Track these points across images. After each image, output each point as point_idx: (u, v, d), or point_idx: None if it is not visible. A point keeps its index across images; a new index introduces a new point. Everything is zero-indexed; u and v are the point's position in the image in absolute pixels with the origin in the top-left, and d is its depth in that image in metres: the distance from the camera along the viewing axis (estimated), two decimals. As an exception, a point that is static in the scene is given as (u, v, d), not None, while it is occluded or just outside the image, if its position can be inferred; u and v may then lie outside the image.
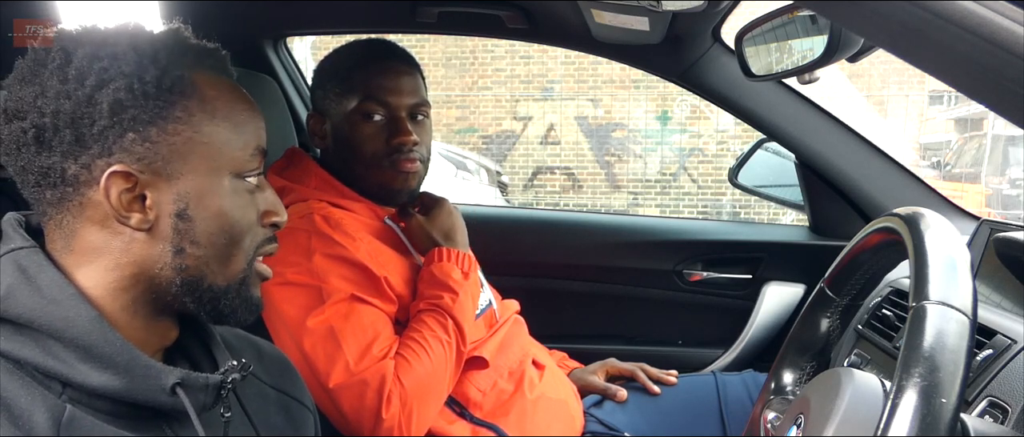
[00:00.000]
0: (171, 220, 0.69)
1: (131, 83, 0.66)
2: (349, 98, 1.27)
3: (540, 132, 9.49)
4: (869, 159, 1.75)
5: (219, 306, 0.72)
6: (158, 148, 0.67)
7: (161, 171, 0.68)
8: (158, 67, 0.67)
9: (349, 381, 1.11)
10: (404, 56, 1.32)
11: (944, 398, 0.58)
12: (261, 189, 0.75)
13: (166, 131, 0.67)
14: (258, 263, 0.75)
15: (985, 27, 0.56)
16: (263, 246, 0.75)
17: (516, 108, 9.52)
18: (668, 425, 1.41)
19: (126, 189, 0.67)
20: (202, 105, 0.69)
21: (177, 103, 0.68)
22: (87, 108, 0.65)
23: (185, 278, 0.70)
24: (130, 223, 0.67)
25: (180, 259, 0.69)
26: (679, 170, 9.31)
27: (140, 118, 0.66)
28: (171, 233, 0.69)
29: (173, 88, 0.68)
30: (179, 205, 0.69)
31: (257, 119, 0.74)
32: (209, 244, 0.70)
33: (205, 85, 0.70)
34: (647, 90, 9.18)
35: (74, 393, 0.65)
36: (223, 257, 0.71)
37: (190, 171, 0.69)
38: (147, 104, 0.66)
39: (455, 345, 1.20)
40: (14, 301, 0.64)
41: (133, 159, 0.67)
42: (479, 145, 9.43)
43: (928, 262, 0.66)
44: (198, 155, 0.69)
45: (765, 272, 1.88)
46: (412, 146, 1.27)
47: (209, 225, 0.70)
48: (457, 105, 9.59)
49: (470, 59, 9.49)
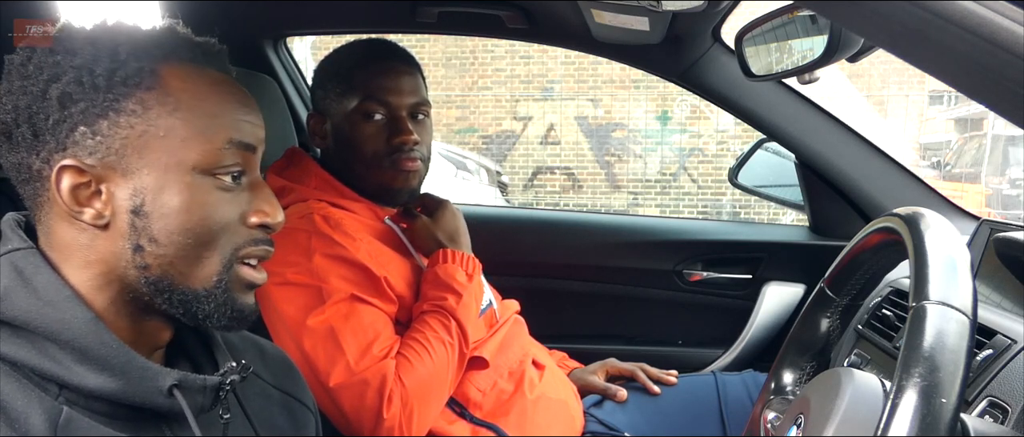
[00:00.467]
0: (127, 216, 0.67)
1: (80, 76, 0.65)
2: (350, 98, 1.27)
3: (540, 132, 9.49)
4: (869, 159, 1.75)
5: (194, 311, 0.69)
6: (110, 142, 0.66)
7: (115, 165, 0.66)
8: (114, 60, 0.66)
9: (350, 381, 1.11)
10: (405, 56, 1.32)
11: (944, 398, 0.58)
12: (250, 188, 0.72)
13: (118, 125, 0.66)
14: (243, 268, 0.71)
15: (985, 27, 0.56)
16: (246, 248, 0.71)
17: (516, 108, 9.53)
18: (668, 425, 1.41)
19: (81, 184, 0.66)
20: (162, 98, 0.67)
21: (131, 96, 0.66)
22: (42, 102, 0.65)
23: (149, 278, 0.68)
24: (84, 218, 0.66)
25: (140, 257, 0.67)
26: (679, 170, 9.31)
27: (89, 111, 0.65)
28: (127, 230, 0.67)
29: (127, 81, 0.66)
30: (135, 201, 0.66)
31: (236, 112, 0.70)
32: (169, 243, 0.67)
33: (172, 77, 0.68)
34: (647, 90, 9.18)
35: (71, 395, 0.64)
36: (190, 258, 0.68)
37: (146, 166, 0.66)
38: (96, 97, 0.65)
39: (458, 347, 1.20)
40: (10, 303, 0.64)
41: (86, 153, 0.66)
42: (479, 145, 9.43)
43: (928, 262, 0.66)
44: (154, 149, 0.67)
45: (765, 272, 1.88)
46: (413, 145, 1.27)
47: (168, 223, 0.67)
48: (457, 105, 9.59)
49: (470, 59, 9.49)
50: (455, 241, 1.30)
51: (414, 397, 1.13)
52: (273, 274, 1.15)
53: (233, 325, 0.72)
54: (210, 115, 0.69)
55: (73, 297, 0.66)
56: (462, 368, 1.24)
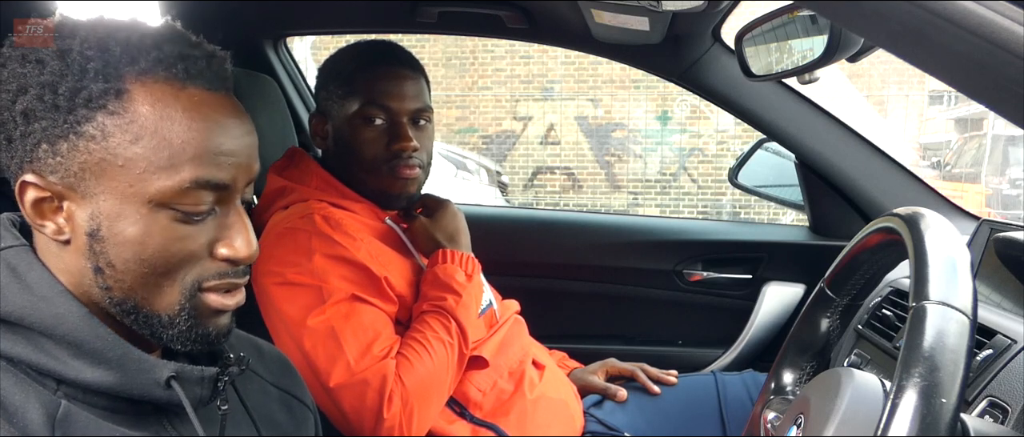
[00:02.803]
0: (85, 238, 0.65)
1: (42, 93, 0.62)
2: (351, 101, 1.26)
3: (540, 132, 9.49)
4: (869, 159, 1.75)
5: (160, 335, 0.68)
6: (68, 163, 0.63)
7: (75, 187, 0.64)
8: (80, 79, 0.62)
9: (350, 381, 1.11)
10: (408, 60, 1.31)
11: (944, 398, 0.58)
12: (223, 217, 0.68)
13: (77, 148, 0.63)
14: (208, 295, 0.68)
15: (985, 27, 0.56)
16: (210, 281, 0.68)
17: (516, 108, 9.52)
18: (668, 425, 1.41)
19: (43, 197, 0.65)
20: (124, 126, 0.63)
21: (92, 119, 0.63)
22: (9, 113, 0.64)
23: (113, 298, 0.66)
24: (45, 232, 0.66)
25: (101, 278, 0.66)
26: (679, 170, 9.31)
27: (50, 130, 0.63)
28: (86, 251, 0.65)
29: (90, 103, 0.62)
30: (92, 224, 0.65)
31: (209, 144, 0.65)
32: (126, 270, 0.65)
33: (142, 99, 0.63)
34: (647, 90, 9.18)
35: (69, 390, 0.65)
36: (149, 285, 0.66)
37: (104, 192, 0.64)
38: (57, 117, 0.63)
39: (457, 347, 1.20)
40: (5, 300, 0.64)
41: (48, 170, 0.64)
42: (479, 145, 9.43)
43: (928, 262, 0.66)
44: (112, 177, 0.64)
45: (765, 272, 1.88)
46: (412, 152, 1.26)
47: (123, 251, 0.65)
48: (457, 105, 9.59)
49: (470, 59, 9.49)
50: (455, 241, 1.30)
51: (414, 397, 1.13)
52: (273, 274, 1.16)
53: (202, 348, 0.70)
54: (176, 150, 0.64)
55: (66, 292, 0.66)
56: (462, 368, 1.24)
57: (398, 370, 1.13)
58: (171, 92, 0.64)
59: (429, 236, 1.29)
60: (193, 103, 0.65)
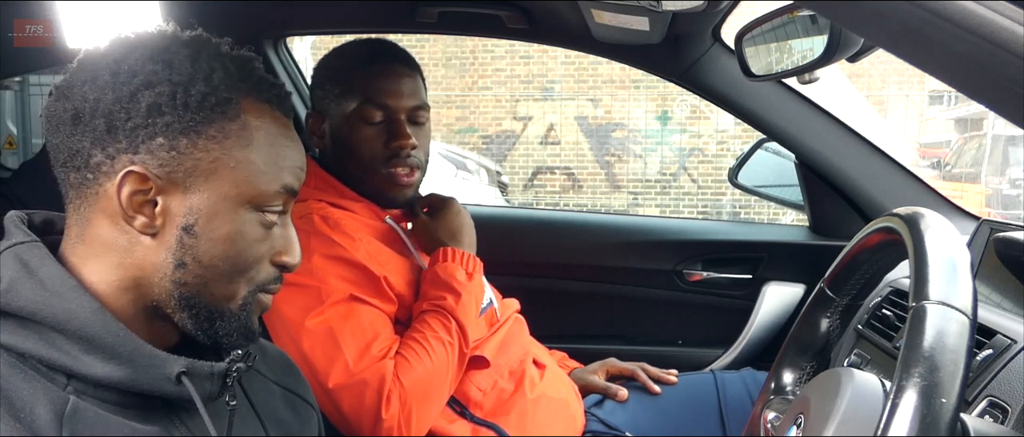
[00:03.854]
0: (177, 232, 0.69)
1: (175, 91, 0.67)
2: (348, 100, 1.26)
3: (540, 132, 9.49)
4: (869, 159, 1.75)
5: (215, 327, 0.72)
6: (183, 160, 0.68)
7: (179, 182, 0.68)
8: (208, 84, 0.68)
9: (349, 381, 1.11)
10: (405, 58, 1.31)
11: (944, 398, 0.58)
12: (281, 227, 0.75)
13: (196, 146, 0.68)
14: (263, 296, 0.75)
15: (985, 27, 0.56)
16: (270, 284, 0.75)
17: (516, 108, 9.52)
18: (668, 424, 1.41)
19: (139, 190, 0.67)
20: (241, 131, 0.70)
21: (215, 122, 0.69)
22: (128, 103, 0.67)
23: (182, 293, 0.70)
24: (135, 225, 0.68)
25: (181, 273, 0.69)
26: (679, 170, 9.31)
27: (173, 126, 0.67)
28: (175, 245, 0.69)
29: (215, 107, 0.69)
30: (188, 219, 0.69)
31: (295, 159, 0.74)
32: (210, 265, 0.70)
33: (251, 113, 0.71)
34: (647, 90, 9.18)
35: (79, 385, 0.65)
36: (223, 281, 0.71)
37: (208, 190, 0.69)
38: (185, 115, 0.67)
39: (457, 346, 1.20)
40: (16, 294, 0.64)
41: (155, 163, 0.67)
42: (479, 145, 9.43)
43: (928, 262, 0.66)
44: (221, 178, 0.69)
45: (765, 272, 1.88)
46: (410, 150, 1.26)
47: (213, 247, 0.70)
48: (457, 105, 9.59)
49: (470, 59, 9.49)
50: (457, 239, 1.29)
51: (413, 397, 1.13)
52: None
53: (244, 344, 0.75)
54: (275, 158, 0.72)
55: (78, 287, 0.66)
56: (462, 368, 1.24)
57: (397, 370, 1.13)
58: (268, 110, 0.73)
59: (431, 234, 1.29)
60: (282, 123, 0.74)
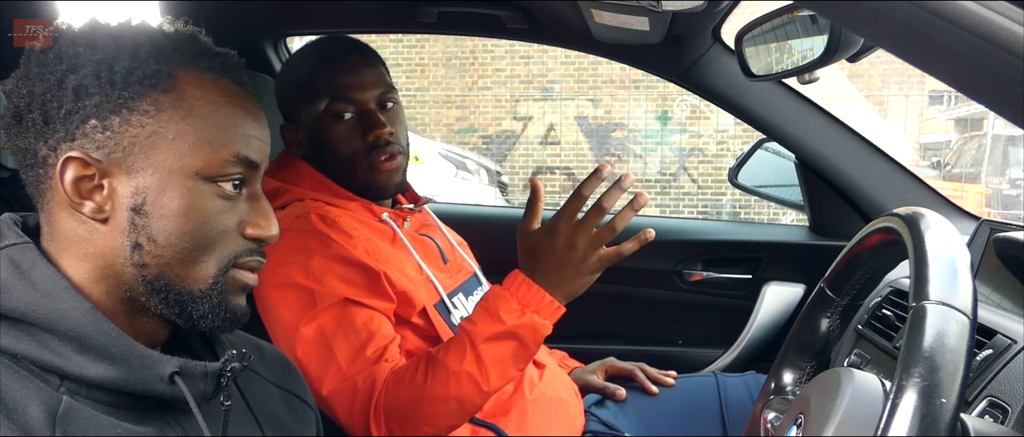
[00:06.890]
0: (127, 213, 0.68)
1: (98, 70, 0.66)
2: (316, 103, 1.26)
3: (540, 132, 9.49)
4: (869, 159, 1.75)
5: (189, 311, 0.70)
6: (119, 138, 0.67)
7: (121, 162, 0.67)
8: (134, 59, 0.67)
9: (342, 386, 1.10)
10: (359, 47, 1.31)
11: (944, 398, 0.58)
12: (249, 200, 0.73)
13: (129, 122, 0.67)
14: (239, 273, 0.72)
15: (985, 27, 0.56)
16: (244, 257, 0.72)
17: (516, 108, 9.52)
18: (669, 425, 1.41)
19: (84, 176, 0.67)
20: (176, 102, 0.68)
21: (146, 96, 0.67)
22: (57, 91, 0.66)
23: (146, 277, 0.68)
24: (84, 211, 0.67)
25: (138, 255, 0.68)
26: (679, 170, 9.31)
27: (103, 105, 0.66)
28: (127, 226, 0.68)
29: (144, 80, 0.67)
30: (136, 199, 0.67)
31: (246, 126, 0.72)
32: (168, 244, 0.68)
33: (188, 83, 0.69)
34: (647, 90, 9.18)
35: (73, 385, 0.65)
36: (187, 261, 0.69)
37: (151, 166, 0.67)
38: (112, 92, 0.66)
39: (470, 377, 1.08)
40: (8, 296, 0.64)
41: (93, 146, 0.67)
42: (479, 145, 9.42)
43: (928, 262, 0.66)
44: (161, 151, 0.68)
45: (765, 272, 1.88)
46: (388, 138, 1.26)
47: (167, 224, 0.68)
48: (457, 105, 9.59)
49: (470, 59, 9.49)
50: (544, 274, 1.10)
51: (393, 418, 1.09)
52: (272, 275, 1.16)
53: (226, 327, 0.73)
54: (221, 126, 0.70)
55: (70, 288, 0.66)
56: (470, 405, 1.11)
57: (387, 385, 1.10)
58: (211, 80, 0.71)
59: (529, 250, 1.11)
60: (229, 91, 0.72)
